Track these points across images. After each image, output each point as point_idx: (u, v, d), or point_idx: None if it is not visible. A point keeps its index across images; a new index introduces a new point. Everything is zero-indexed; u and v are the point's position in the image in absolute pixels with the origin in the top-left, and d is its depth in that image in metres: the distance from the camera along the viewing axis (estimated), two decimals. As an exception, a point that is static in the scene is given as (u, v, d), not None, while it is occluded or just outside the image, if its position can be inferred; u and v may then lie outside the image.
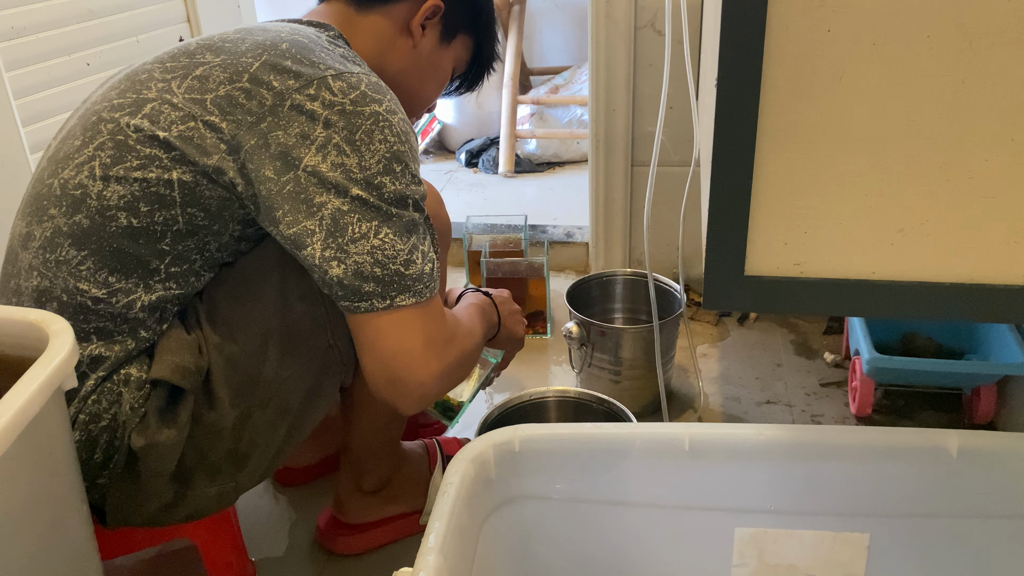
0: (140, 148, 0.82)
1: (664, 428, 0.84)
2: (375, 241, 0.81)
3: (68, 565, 0.73)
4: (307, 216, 0.80)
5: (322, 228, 0.80)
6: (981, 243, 0.64)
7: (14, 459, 0.62)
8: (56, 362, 0.66)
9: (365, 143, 0.81)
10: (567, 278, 1.84)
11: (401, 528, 1.17)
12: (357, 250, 0.81)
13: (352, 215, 0.81)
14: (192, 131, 0.82)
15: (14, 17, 1.42)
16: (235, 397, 0.86)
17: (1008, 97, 0.59)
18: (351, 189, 0.80)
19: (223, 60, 0.84)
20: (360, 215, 0.81)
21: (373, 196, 0.81)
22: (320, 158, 0.80)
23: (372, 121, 0.82)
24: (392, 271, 0.82)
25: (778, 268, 0.67)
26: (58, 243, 0.83)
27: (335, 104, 0.81)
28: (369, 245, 0.81)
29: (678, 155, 1.60)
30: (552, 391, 1.23)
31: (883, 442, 0.81)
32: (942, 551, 0.83)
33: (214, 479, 0.88)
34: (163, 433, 0.83)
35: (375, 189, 0.81)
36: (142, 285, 0.84)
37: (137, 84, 0.86)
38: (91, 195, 0.82)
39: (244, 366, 0.86)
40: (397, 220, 0.83)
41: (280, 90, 0.82)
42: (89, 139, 0.84)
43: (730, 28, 0.59)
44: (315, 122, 0.81)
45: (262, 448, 0.90)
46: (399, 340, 0.83)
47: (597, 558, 0.88)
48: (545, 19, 2.70)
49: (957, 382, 1.34)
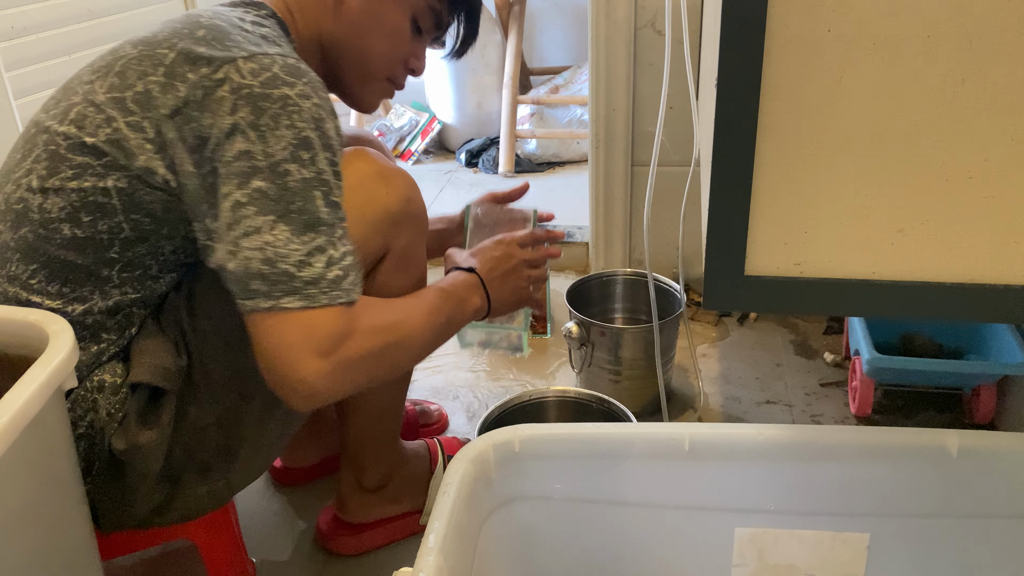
0: (72, 157, 0.81)
1: (664, 428, 0.84)
2: (267, 236, 0.76)
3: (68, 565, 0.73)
4: (209, 206, 0.78)
5: (222, 221, 0.77)
6: (981, 243, 0.64)
7: (14, 459, 0.62)
8: (56, 362, 0.66)
9: (271, 128, 0.77)
10: (567, 278, 1.84)
11: (402, 528, 1.17)
12: (249, 244, 0.76)
13: (249, 207, 0.76)
14: (117, 133, 0.80)
15: (14, 17, 1.42)
16: (219, 391, 0.86)
17: (1008, 97, 0.59)
18: (252, 180, 0.76)
19: (140, 52, 0.82)
20: (258, 207, 0.76)
21: (275, 186, 0.76)
22: (228, 146, 0.77)
23: (280, 105, 0.77)
24: (280, 271, 0.76)
25: (778, 268, 0.67)
26: (7, 258, 0.83)
27: (243, 87, 0.77)
28: (261, 240, 0.76)
29: (678, 155, 1.60)
30: (552, 391, 1.23)
31: (883, 442, 0.81)
32: (942, 551, 0.83)
33: (204, 477, 0.88)
34: (145, 435, 0.83)
35: (278, 178, 0.76)
36: (97, 292, 0.83)
37: (68, 90, 0.85)
38: (32, 208, 0.81)
39: (226, 359, 0.86)
40: (297, 216, 0.77)
41: (193, 80, 0.79)
42: (28, 151, 0.83)
43: (730, 28, 0.59)
44: (223, 108, 0.77)
45: (251, 442, 0.90)
46: (280, 338, 0.76)
47: (597, 558, 0.88)
48: (545, 19, 2.70)
49: (957, 382, 1.34)
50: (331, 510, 1.18)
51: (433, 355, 1.59)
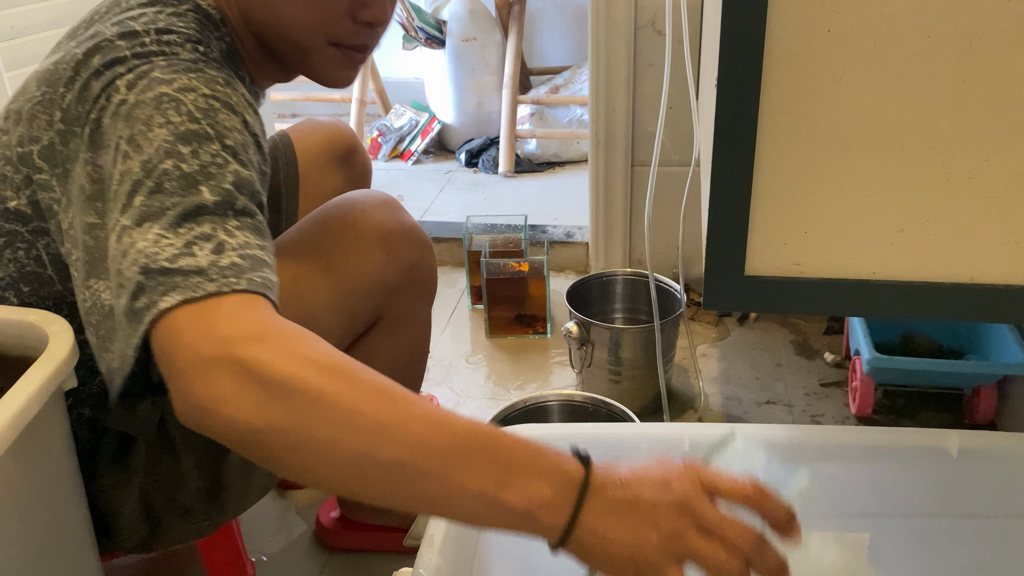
0: (2, 224, 0.75)
1: (664, 428, 0.84)
2: (140, 244, 0.61)
3: (68, 565, 0.73)
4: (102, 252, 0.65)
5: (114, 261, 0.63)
6: (981, 243, 0.64)
7: (14, 459, 0.62)
8: (56, 362, 0.66)
9: (143, 134, 0.65)
10: (567, 278, 1.84)
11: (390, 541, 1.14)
12: (125, 266, 0.61)
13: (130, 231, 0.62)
14: (35, 195, 0.73)
15: (14, 17, 1.42)
16: (193, 441, 0.83)
17: (1008, 97, 0.59)
18: (134, 197, 0.63)
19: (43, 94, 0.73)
20: (137, 223, 0.62)
21: (147, 196, 0.63)
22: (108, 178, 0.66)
23: (154, 106, 0.66)
24: (156, 270, 0.59)
25: (778, 268, 0.67)
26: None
27: (120, 104, 0.68)
28: (134, 252, 0.60)
29: (678, 155, 1.60)
30: (555, 395, 1.22)
31: (883, 442, 0.81)
32: (942, 551, 0.83)
33: (186, 518, 0.86)
34: (111, 478, 0.81)
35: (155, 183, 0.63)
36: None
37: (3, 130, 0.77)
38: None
39: None
40: (173, 210, 0.62)
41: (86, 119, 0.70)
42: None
43: (730, 28, 0.59)
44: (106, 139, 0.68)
45: (233, 489, 0.87)
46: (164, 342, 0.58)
47: (597, 558, 0.87)
48: (545, 19, 2.70)
49: (957, 382, 1.34)
50: (332, 504, 1.18)
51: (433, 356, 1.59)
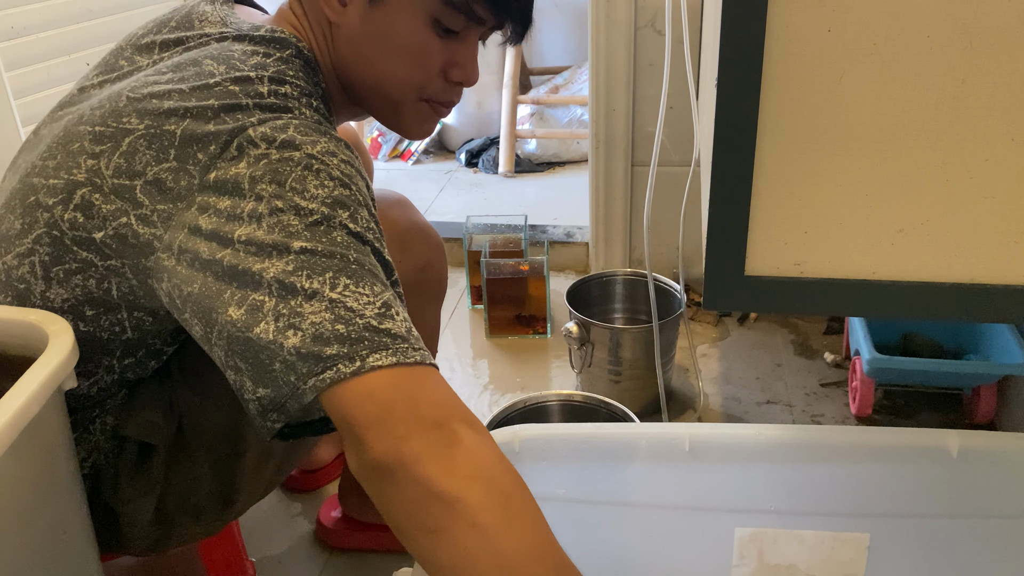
0: (77, 250, 0.74)
1: (664, 428, 0.84)
2: (333, 295, 0.63)
3: (68, 565, 0.73)
4: (253, 287, 0.65)
5: (272, 296, 0.64)
6: (981, 243, 0.64)
7: (14, 459, 0.62)
8: (56, 362, 0.66)
9: (298, 191, 0.67)
10: (567, 278, 1.84)
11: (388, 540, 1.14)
12: (312, 310, 0.63)
13: (300, 272, 0.64)
14: (126, 228, 0.72)
15: (14, 17, 1.42)
16: (209, 446, 0.84)
17: (1008, 97, 0.59)
18: (293, 243, 0.65)
19: (147, 128, 0.73)
20: (310, 268, 0.64)
21: (320, 244, 0.65)
22: (256, 223, 0.66)
23: (304, 166, 0.68)
24: (360, 325, 0.62)
25: (778, 268, 0.67)
26: None
27: (260, 158, 0.68)
28: (327, 300, 0.63)
29: (678, 155, 1.60)
30: (555, 395, 1.22)
31: (883, 442, 0.81)
32: (942, 551, 0.83)
33: (198, 520, 0.87)
34: (134, 488, 0.82)
35: (322, 236, 0.66)
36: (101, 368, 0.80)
37: (69, 157, 0.75)
38: (35, 293, 0.76)
39: (217, 419, 0.84)
40: (357, 266, 0.65)
41: (204, 163, 0.70)
42: (28, 226, 0.76)
43: (730, 28, 0.59)
44: (241, 187, 0.68)
45: (246, 491, 0.88)
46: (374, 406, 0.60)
47: (597, 558, 0.88)
48: (545, 19, 2.70)
49: (957, 382, 1.34)
50: (333, 503, 1.18)
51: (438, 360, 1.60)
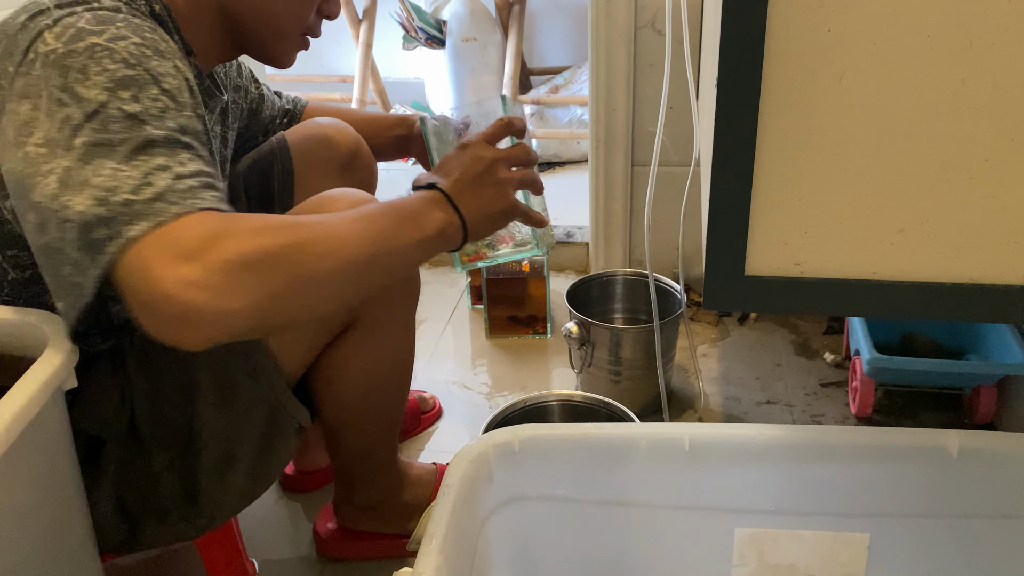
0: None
1: (664, 428, 0.84)
2: (96, 180, 0.64)
3: (68, 565, 0.73)
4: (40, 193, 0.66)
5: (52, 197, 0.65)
6: (981, 243, 0.64)
7: (14, 459, 0.62)
8: (56, 362, 0.66)
9: (80, 81, 0.67)
10: (567, 278, 1.84)
11: (391, 548, 1.13)
12: (80, 200, 0.63)
13: (78, 169, 0.64)
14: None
15: (14, 17, 1.42)
16: (163, 442, 0.84)
17: (1008, 97, 0.59)
18: (77, 137, 0.65)
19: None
20: (86, 162, 0.64)
21: (98, 134, 0.65)
22: (44, 123, 0.67)
23: (88, 55, 0.68)
24: (118, 202, 0.63)
25: (778, 268, 0.67)
26: None
27: (49, 54, 0.68)
28: (91, 188, 0.63)
29: (678, 155, 1.60)
30: (555, 395, 1.22)
31: (883, 442, 0.81)
32: (942, 551, 0.83)
33: (164, 520, 0.86)
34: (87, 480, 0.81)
35: (99, 125, 0.66)
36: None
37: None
38: None
39: (170, 415, 0.83)
40: (125, 145, 0.65)
41: (12, 73, 0.70)
42: None
43: (730, 28, 0.59)
44: (35, 89, 0.68)
45: (212, 493, 0.88)
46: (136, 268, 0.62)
47: (597, 558, 0.88)
48: (545, 19, 2.70)
49: (957, 382, 1.34)
50: (329, 511, 1.17)
51: (433, 356, 1.59)
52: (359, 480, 1.10)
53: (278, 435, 0.91)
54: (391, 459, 1.11)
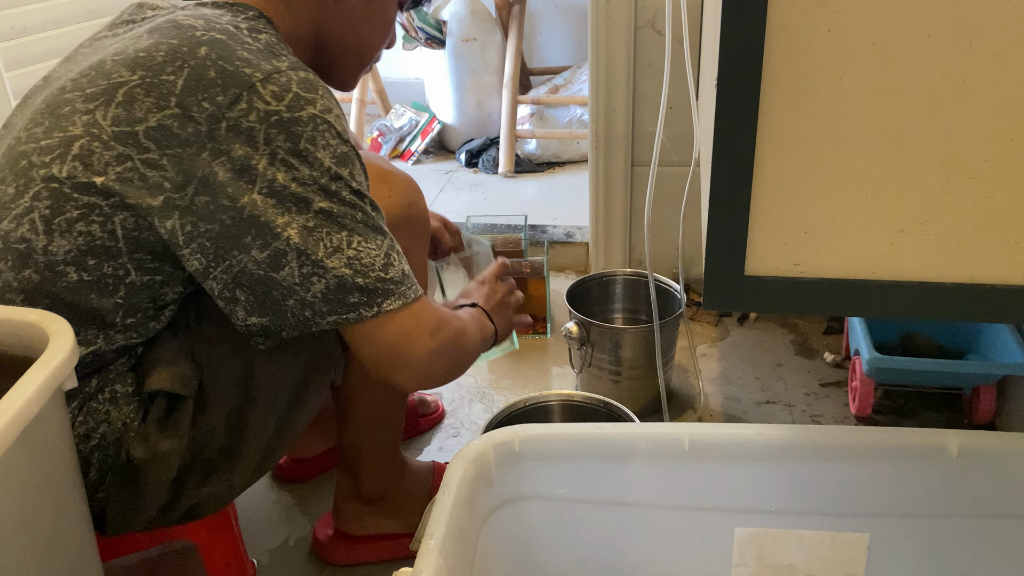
0: (77, 197, 0.77)
1: (664, 428, 0.84)
2: (350, 252, 0.79)
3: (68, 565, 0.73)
4: (274, 238, 0.77)
5: (291, 248, 0.78)
6: (981, 243, 0.64)
7: (14, 459, 0.62)
8: (56, 362, 0.66)
9: (311, 152, 0.78)
10: (567, 278, 1.84)
11: (393, 549, 1.15)
12: (334, 264, 0.79)
13: (320, 230, 0.78)
14: (131, 172, 0.77)
15: (14, 17, 1.42)
16: (225, 395, 0.86)
17: (1008, 97, 0.59)
18: (313, 201, 0.78)
19: (142, 78, 0.78)
20: (328, 228, 0.78)
21: (334, 205, 0.79)
22: (271, 176, 0.77)
23: (312, 126, 0.78)
24: (373, 278, 0.80)
25: (778, 268, 0.67)
26: (9, 299, 0.80)
27: (271, 114, 0.77)
28: (345, 257, 0.79)
29: (678, 155, 1.60)
30: (556, 395, 1.22)
31: (883, 442, 0.81)
32: (942, 551, 0.83)
33: (208, 478, 0.88)
34: (165, 443, 0.82)
35: (334, 196, 0.79)
36: (101, 336, 0.82)
37: (61, 119, 0.80)
38: (36, 250, 0.78)
39: (233, 364, 0.86)
40: (363, 225, 0.81)
41: (211, 112, 0.76)
42: (23, 187, 0.79)
43: (730, 28, 0.59)
44: (255, 140, 0.76)
45: (252, 445, 0.90)
46: (396, 334, 0.83)
47: (597, 558, 0.88)
48: (545, 19, 2.70)
49: (957, 382, 1.34)
50: (328, 519, 1.17)
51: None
52: (367, 464, 1.11)
53: (312, 383, 0.94)
54: (397, 438, 1.13)
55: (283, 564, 1.15)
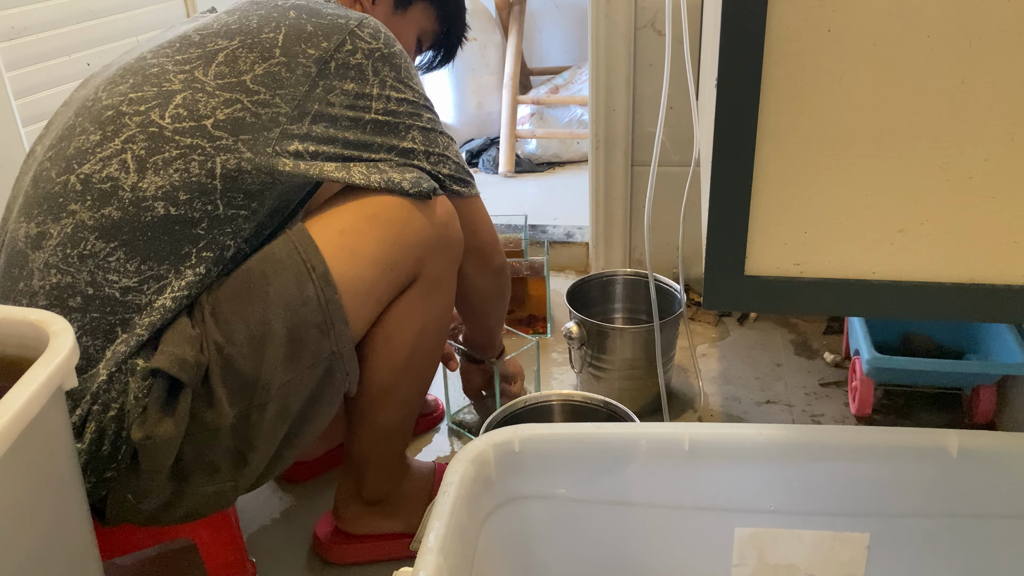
0: (178, 138, 0.84)
1: (664, 428, 0.84)
2: (452, 150, 1.00)
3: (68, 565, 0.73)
4: (400, 139, 0.94)
5: (419, 143, 0.96)
6: (981, 243, 0.64)
7: (14, 459, 0.62)
8: (56, 362, 0.66)
9: (410, 78, 0.95)
10: (567, 278, 1.84)
11: (394, 549, 1.14)
12: (451, 154, 0.99)
13: (432, 132, 0.97)
14: (241, 111, 0.85)
15: (14, 17, 1.42)
16: (233, 397, 0.86)
17: (1008, 97, 0.59)
18: (422, 115, 0.96)
19: (242, 41, 0.88)
20: (433, 130, 0.97)
21: (434, 117, 0.98)
22: (386, 99, 0.92)
23: (403, 59, 0.95)
24: (466, 171, 1.03)
25: (778, 268, 0.67)
26: (82, 237, 0.83)
27: (374, 51, 0.91)
28: (453, 152, 1.00)
29: (678, 155, 1.60)
30: (556, 395, 1.22)
31: (883, 442, 0.81)
32: (942, 551, 0.83)
33: (212, 477, 0.88)
34: (161, 426, 0.83)
35: (429, 111, 0.97)
36: (173, 271, 0.84)
37: (152, 77, 0.87)
38: (123, 187, 0.83)
39: (242, 368, 0.86)
40: (446, 133, 1.00)
41: (318, 56, 0.88)
42: (112, 133, 0.84)
43: (730, 28, 0.59)
44: (364, 72, 0.90)
45: (260, 450, 0.90)
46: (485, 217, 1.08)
47: (597, 558, 0.88)
48: (545, 19, 2.70)
49: (957, 382, 1.34)
50: (329, 518, 1.17)
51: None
52: (374, 470, 1.10)
53: (326, 394, 0.94)
54: (405, 443, 1.13)
55: (283, 564, 1.15)
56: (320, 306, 0.89)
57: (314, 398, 0.92)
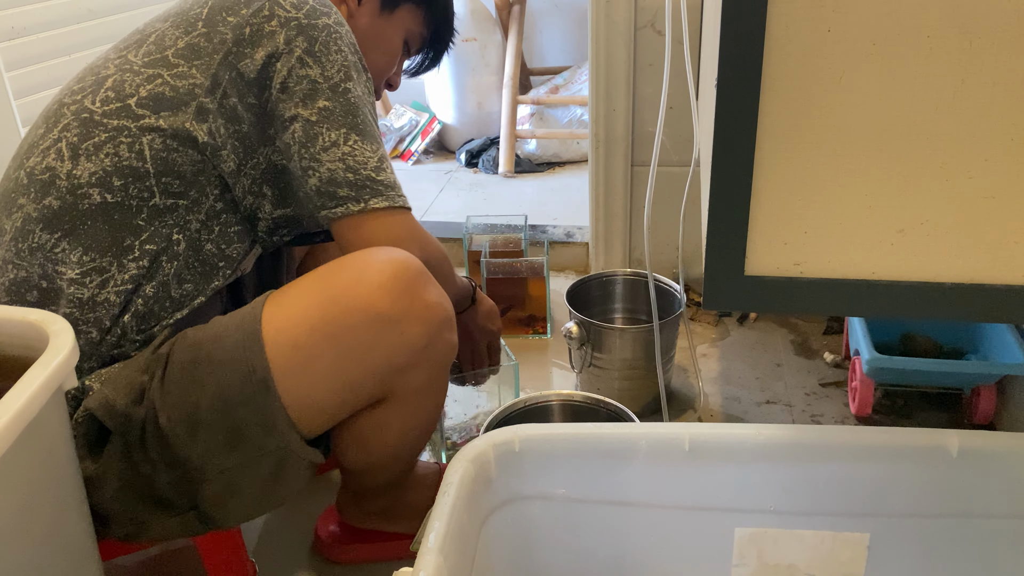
0: (107, 121, 0.83)
1: (664, 428, 0.84)
2: (345, 148, 0.86)
3: (68, 565, 0.73)
4: (284, 130, 0.86)
5: (295, 141, 0.86)
6: (981, 243, 0.64)
7: (14, 459, 0.62)
8: (56, 362, 0.66)
9: (324, 53, 0.86)
10: (567, 278, 1.84)
11: (395, 549, 1.13)
12: (329, 157, 0.85)
13: (320, 125, 0.85)
14: (162, 86, 0.84)
15: (14, 17, 1.42)
16: (168, 462, 0.82)
17: (1008, 97, 0.59)
18: (316, 100, 0.85)
19: (173, 20, 0.88)
20: (328, 124, 0.85)
21: (337, 104, 0.86)
22: (286, 73, 0.85)
23: (326, 33, 0.87)
24: (364, 176, 0.86)
25: (778, 268, 0.67)
26: (29, 230, 0.83)
27: (291, 20, 0.86)
28: (340, 152, 0.85)
29: (678, 155, 1.60)
30: (556, 395, 1.22)
31: (883, 442, 0.81)
32: (942, 551, 0.83)
33: (169, 510, 0.85)
34: (84, 464, 0.81)
35: (339, 97, 0.86)
36: (115, 264, 0.83)
37: (93, 68, 0.89)
38: (60, 176, 0.83)
39: (174, 443, 0.82)
40: (362, 129, 0.87)
41: (235, 23, 0.86)
42: (52, 124, 0.85)
43: (730, 28, 0.59)
44: (276, 40, 0.85)
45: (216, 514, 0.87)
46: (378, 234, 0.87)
47: (597, 558, 0.88)
48: (545, 19, 2.70)
49: (957, 382, 1.34)
50: (329, 517, 1.17)
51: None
52: (371, 492, 1.09)
53: (289, 473, 0.88)
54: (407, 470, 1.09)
55: (283, 563, 1.15)
56: (259, 408, 0.82)
57: (271, 481, 0.87)
